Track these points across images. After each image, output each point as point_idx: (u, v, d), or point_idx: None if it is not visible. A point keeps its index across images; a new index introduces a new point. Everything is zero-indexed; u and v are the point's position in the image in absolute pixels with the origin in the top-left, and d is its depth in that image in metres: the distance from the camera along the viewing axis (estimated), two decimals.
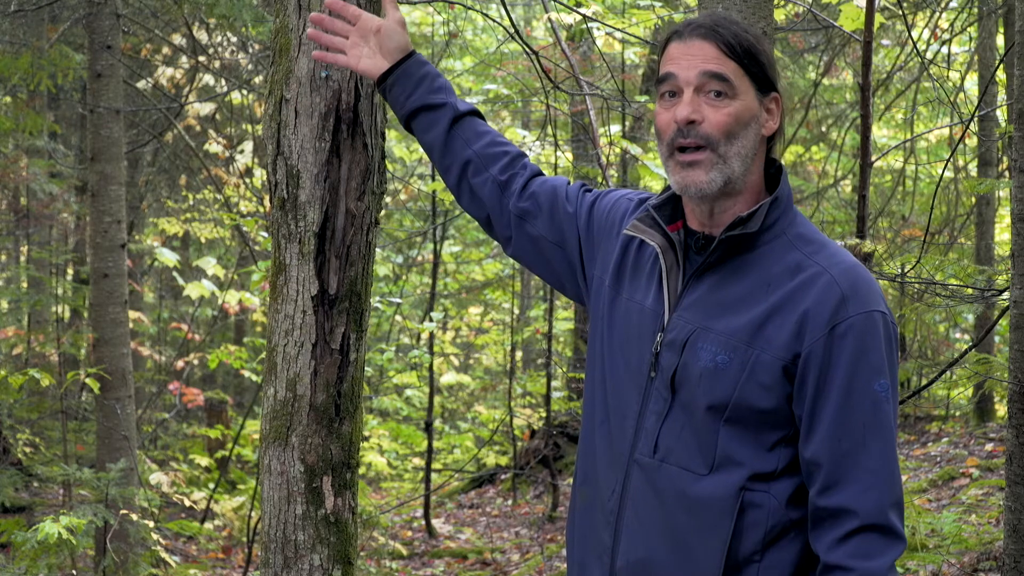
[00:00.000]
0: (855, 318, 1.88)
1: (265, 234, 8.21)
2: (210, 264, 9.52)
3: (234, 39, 8.95)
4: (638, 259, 2.09)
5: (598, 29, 6.36)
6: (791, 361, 1.89)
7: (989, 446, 8.04)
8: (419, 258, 12.80)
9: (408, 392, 11.96)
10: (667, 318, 1.98)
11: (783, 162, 2.09)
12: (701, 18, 1.99)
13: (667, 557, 1.93)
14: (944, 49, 8.33)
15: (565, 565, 7.23)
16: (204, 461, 9.81)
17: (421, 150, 10.83)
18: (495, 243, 13.30)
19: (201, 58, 8.58)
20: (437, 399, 12.83)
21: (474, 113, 2.31)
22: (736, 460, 1.90)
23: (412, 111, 2.29)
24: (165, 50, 9.50)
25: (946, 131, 10.10)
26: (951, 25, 8.05)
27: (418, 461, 12.16)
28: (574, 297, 2.25)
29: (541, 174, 2.28)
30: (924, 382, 8.18)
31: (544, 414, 10.12)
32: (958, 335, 12.10)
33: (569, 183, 2.27)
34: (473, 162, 2.26)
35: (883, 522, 1.85)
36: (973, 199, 9.02)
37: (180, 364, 11.17)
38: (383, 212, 4.19)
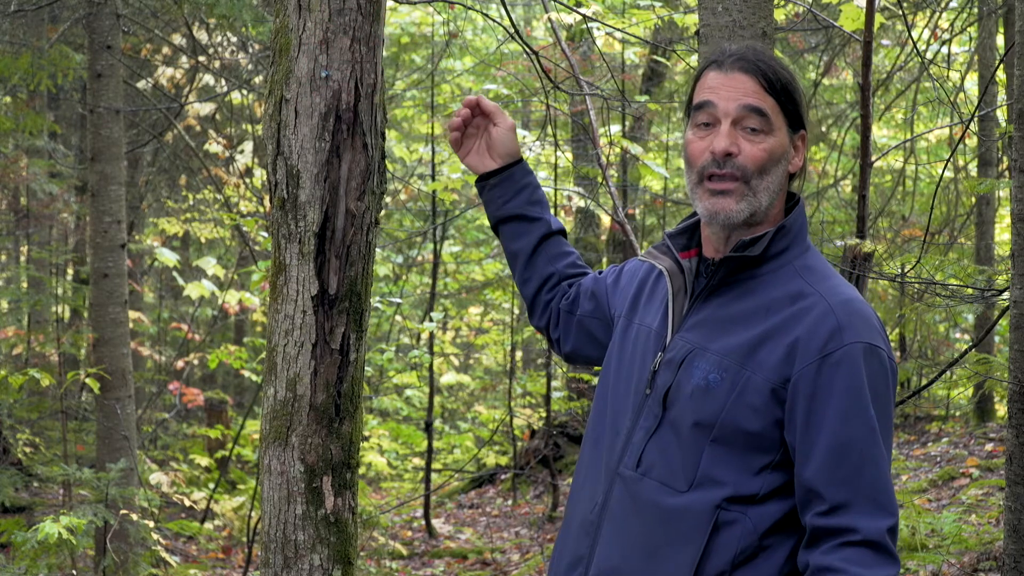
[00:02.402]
0: (851, 347, 1.88)
1: (265, 234, 8.21)
2: (210, 264, 9.52)
3: (234, 39, 8.95)
4: (653, 288, 2.14)
5: (598, 29, 6.36)
6: (781, 385, 1.90)
7: (989, 446, 8.04)
8: (419, 258, 12.80)
9: (408, 392, 11.96)
10: (669, 339, 2.01)
11: None
12: (742, 50, 2.00)
13: (637, 568, 1.94)
14: (944, 49, 8.32)
15: None
16: (204, 461, 9.81)
17: (421, 150, 10.84)
18: (495, 243, 13.31)
19: (201, 58, 8.58)
20: (437, 399, 12.82)
21: (562, 232, 2.40)
22: (717, 480, 1.91)
23: (508, 216, 2.38)
24: (165, 50, 9.50)
25: (946, 131, 10.10)
26: (951, 25, 8.05)
27: (418, 461, 12.17)
28: None
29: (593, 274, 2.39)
30: (924, 382, 8.18)
31: (544, 414, 10.12)
32: (958, 335, 12.10)
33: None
34: (553, 278, 2.37)
35: (881, 541, 1.85)
36: (973, 199, 9.02)
37: (180, 364, 11.17)
38: (383, 212, 4.19)
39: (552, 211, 2.58)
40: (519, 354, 13.74)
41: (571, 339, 2.34)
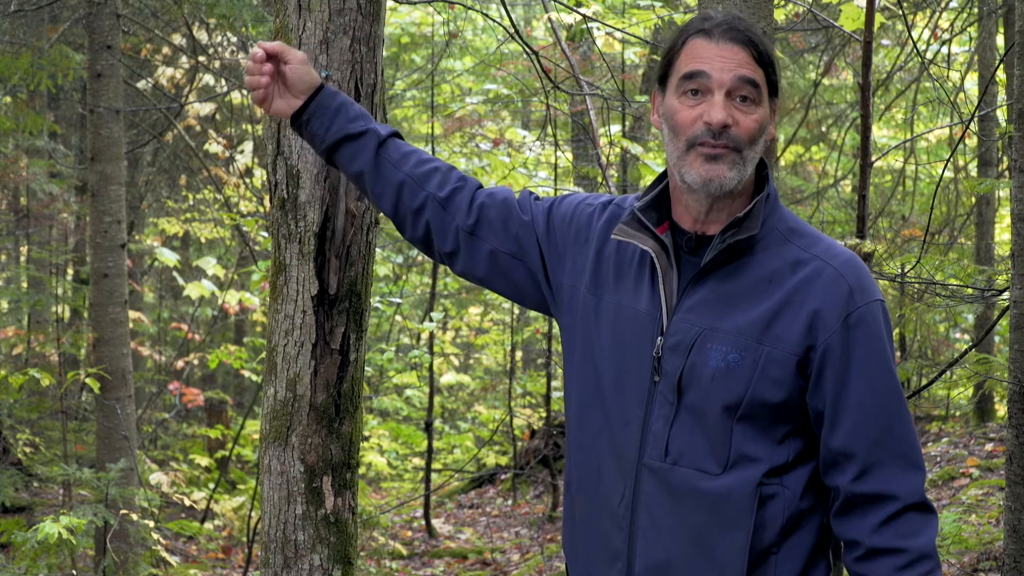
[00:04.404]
0: (864, 308, 1.91)
1: (265, 234, 8.21)
2: (210, 264, 9.52)
3: (234, 39, 8.95)
4: (619, 261, 2.07)
5: (598, 29, 6.37)
6: (804, 355, 1.91)
7: (989, 446, 8.03)
8: (419, 258, 12.80)
9: (408, 392, 11.96)
10: (666, 322, 1.98)
11: (783, 162, 2.11)
12: (726, 19, 1.98)
13: (688, 557, 1.94)
14: (944, 49, 8.32)
15: (565, 565, 7.23)
16: (204, 461, 9.81)
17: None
18: None
19: (201, 58, 8.58)
20: (437, 399, 12.82)
21: (395, 135, 2.27)
22: (750, 456, 1.92)
23: (334, 142, 2.23)
24: (165, 50, 9.50)
25: (946, 131, 10.10)
26: (951, 25, 8.05)
27: (418, 461, 12.16)
28: (536, 307, 2.22)
29: (481, 187, 2.24)
30: (924, 382, 8.18)
31: (544, 414, 10.12)
32: (958, 335, 12.09)
33: (515, 194, 2.24)
34: (407, 184, 2.21)
35: (921, 500, 1.90)
36: (973, 199, 9.02)
37: (180, 364, 11.17)
38: None
39: None
40: (519, 354, 13.74)
41: (480, 266, 2.19)
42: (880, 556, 1.89)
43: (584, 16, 5.64)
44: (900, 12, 6.68)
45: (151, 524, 6.21)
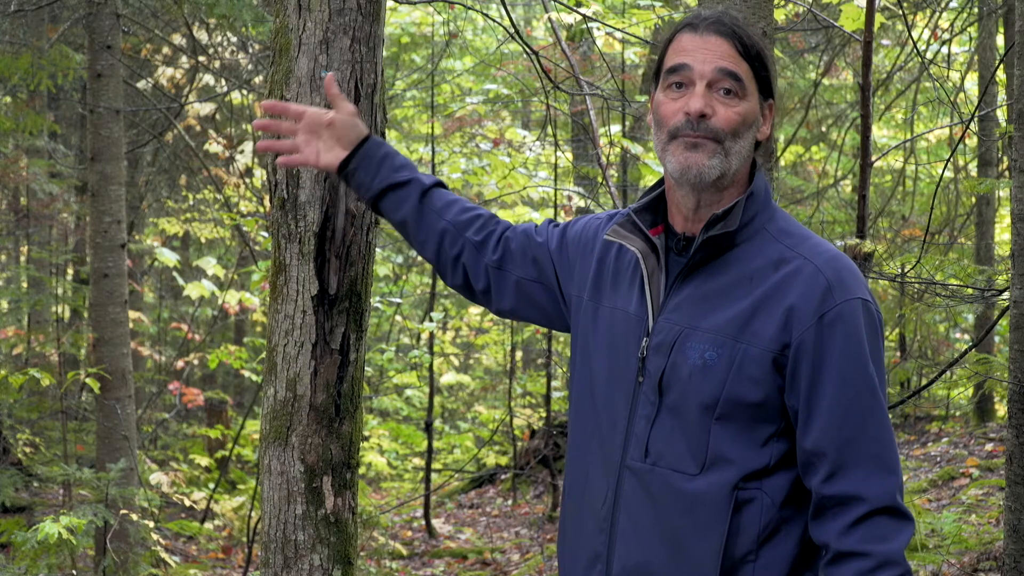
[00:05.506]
0: (842, 305, 1.88)
1: (265, 234, 8.21)
2: (210, 264, 9.53)
3: (234, 39, 8.95)
4: (618, 266, 2.08)
5: (598, 29, 6.37)
6: (780, 352, 1.89)
7: (989, 446, 8.04)
8: (419, 258, 12.80)
9: (408, 392, 11.95)
10: (651, 323, 1.98)
11: (783, 162, 2.10)
12: (714, 14, 1.99)
13: (664, 560, 1.92)
14: (944, 49, 8.33)
15: None
16: (204, 461, 9.81)
17: (421, 150, 10.85)
18: None
19: (201, 58, 8.58)
20: (437, 399, 12.82)
21: (439, 184, 2.31)
22: (728, 458, 1.89)
23: (380, 191, 2.29)
24: (165, 50, 9.50)
25: (946, 131, 10.10)
26: (951, 25, 8.05)
27: (418, 461, 12.17)
28: (565, 328, 2.24)
29: (511, 226, 2.29)
30: (924, 382, 8.17)
31: (544, 414, 10.11)
32: (958, 335, 12.09)
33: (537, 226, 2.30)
34: (449, 232, 2.26)
35: (892, 504, 1.85)
36: (973, 199, 9.02)
37: (180, 364, 11.17)
38: None
39: (552, 212, 2.49)
40: (519, 354, 13.74)
41: (508, 298, 2.26)
42: (845, 560, 1.84)
43: (584, 16, 5.64)
44: (900, 12, 6.67)
45: (151, 524, 6.22)
